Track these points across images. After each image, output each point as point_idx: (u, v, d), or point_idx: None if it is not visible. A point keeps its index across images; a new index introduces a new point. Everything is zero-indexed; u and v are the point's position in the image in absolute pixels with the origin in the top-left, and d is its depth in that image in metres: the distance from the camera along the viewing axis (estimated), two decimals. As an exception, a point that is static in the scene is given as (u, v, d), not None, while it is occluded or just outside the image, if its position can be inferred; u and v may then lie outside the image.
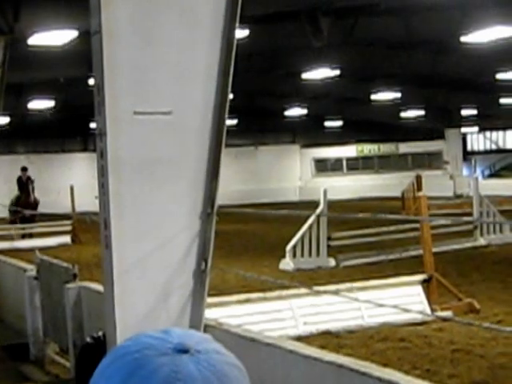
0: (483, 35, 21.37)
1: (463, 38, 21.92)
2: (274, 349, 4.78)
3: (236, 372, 1.07)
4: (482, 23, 20.69)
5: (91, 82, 4.58)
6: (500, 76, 31.25)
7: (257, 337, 5.08)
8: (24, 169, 23.86)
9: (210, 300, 7.05)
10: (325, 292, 9.64)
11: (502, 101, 40.74)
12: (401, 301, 9.43)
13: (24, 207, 22.02)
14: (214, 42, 4.50)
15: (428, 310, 10.42)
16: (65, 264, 8.76)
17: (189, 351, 1.05)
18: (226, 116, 4.65)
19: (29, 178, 23.41)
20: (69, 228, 22.86)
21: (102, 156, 4.37)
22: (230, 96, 4.80)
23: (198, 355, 1.05)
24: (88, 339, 4.58)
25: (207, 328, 5.07)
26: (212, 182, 4.74)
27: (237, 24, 4.47)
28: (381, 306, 8.84)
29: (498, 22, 20.69)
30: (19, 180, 23.73)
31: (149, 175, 4.58)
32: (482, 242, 18.92)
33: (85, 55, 15.76)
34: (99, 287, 6.81)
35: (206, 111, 4.60)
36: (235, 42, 4.55)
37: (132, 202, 4.53)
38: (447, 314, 10.46)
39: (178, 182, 4.68)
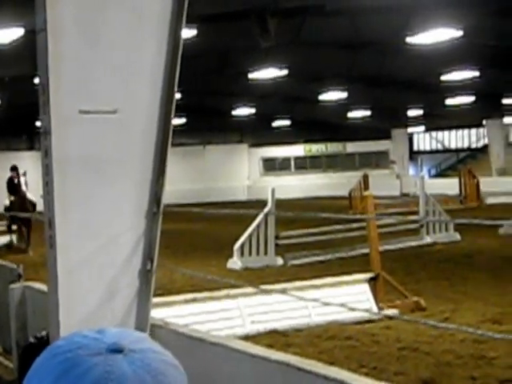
0: (428, 37, 21.68)
1: (409, 40, 22.20)
2: (221, 348, 4.76)
3: (172, 371, 1.07)
4: (427, 25, 21.00)
5: (36, 80, 4.52)
6: (445, 77, 31.71)
7: (203, 336, 5.06)
8: (13, 168, 20.32)
9: (157, 300, 7.02)
10: (271, 291, 9.65)
11: (448, 101, 41.35)
12: (348, 299, 9.47)
13: (21, 210, 19.19)
14: (160, 41, 4.48)
15: (375, 308, 10.49)
16: (9, 264, 8.66)
17: (123, 351, 1.04)
18: (173, 115, 4.64)
19: (19, 175, 20.03)
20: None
21: (47, 155, 4.32)
22: (178, 95, 4.80)
23: (133, 354, 1.04)
24: (31, 339, 4.51)
25: (154, 328, 5.05)
26: (158, 181, 4.72)
27: (183, 23, 4.46)
28: (327, 304, 8.90)
29: (442, 23, 21.01)
30: (10, 181, 20.37)
31: (94, 174, 4.54)
32: (428, 240, 19.17)
33: (30, 54, 15.58)
34: (44, 287, 6.73)
35: (152, 110, 4.58)
36: (182, 42, 4.53)
37: (77, 201, 4.49)
38: (394, 311, 10.54)
39: (123, 181, 4.65)
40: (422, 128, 55.95)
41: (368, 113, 46.16)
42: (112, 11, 4.39)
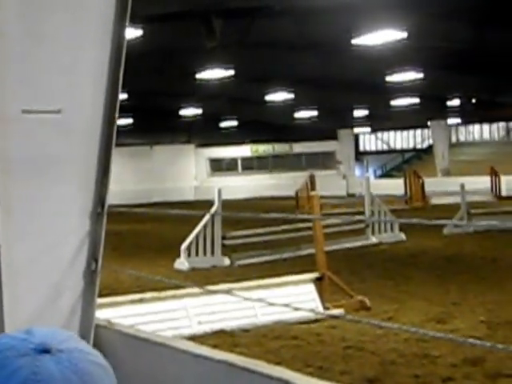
0: (373, 38, 21.92)
1: (354, 41, 22.41)
2: (166, 348, 4.74)
3: (100, 370, 1.08)
4: (372, 26, 21.25)
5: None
6: (390, 78, 32.08)
7: (148, 337, 5.05)
8: None
9: (103, 300, 6.98)
10: (217, 291, 9.67)
11: (393, 102, 41.85)
12: (294, 299, 9.53)
13: None
14: (104, 41, 4.47)
15: (321, 308, 10.57)
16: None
17: (50, 351, 1.05)
18: (117, 115, 4.63)
19: None
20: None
21: (-11, 155, 4.28)
22: (125, 95, 4.81)
23: (60, 355, 1.05)
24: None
25: (99, 328, 5.03)
26: (102, 182, 4.70)
27: (127, 23, 4.46)
28: (272, 304, 8.95)
29: (387, 25, 21.28)
30: None
31: (38, 175, 4.51)
32: (373, 240, 19.38)
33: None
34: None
35: (97, 110, 4.57)
36: (125, 41, 4.53)
37: (21, 202, 4.45)
38: (339, 311, 10.63)
39: (67, 181, 4.63)
40: (368, 129, 56.50)
41: (315, 113, 46.44)
42: (56, 10, 4.37)
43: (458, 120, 51.20)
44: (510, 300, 11.56)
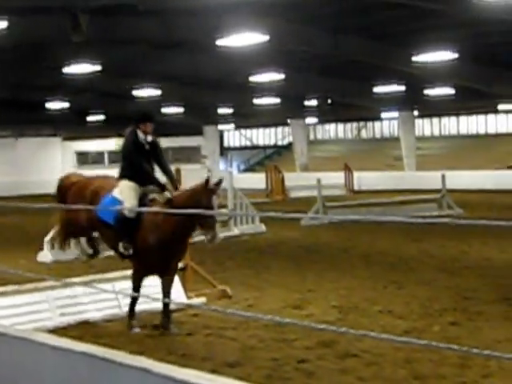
0: (237, 39, 22.33)
1: (219, 42, 22.75)
2: (25, 342, 4.72)
3: None
4: (236, 28, 21.68)
5: None
6: (253, 78, 32.65)
7: (5, 330, 4.97)
8: None
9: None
10: (77, 283, 9.77)
11: (256, 101, 42.58)
12: (158, 289, 9.67)
13: None
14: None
15: (184, 298, 10.78)
16: None
17: None
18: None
19: None
20: None
21: None
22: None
23: None
24: None
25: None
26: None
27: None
28: (127, 295, 9.14)
29: (250, 28, 21.80)
30: None
31: None
32: (235, 231, 19.81)
33: None
34: None
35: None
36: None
37: None
38: (202, 300, 10.89)
39: None
40: (233, 125, 57.14)
41: (181, 110, 46.61)
42: None
43: (316, 119, 52.63)
44: (360, 286, 12.24)
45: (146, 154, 9.84)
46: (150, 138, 9.85)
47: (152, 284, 9.91)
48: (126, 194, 9.53)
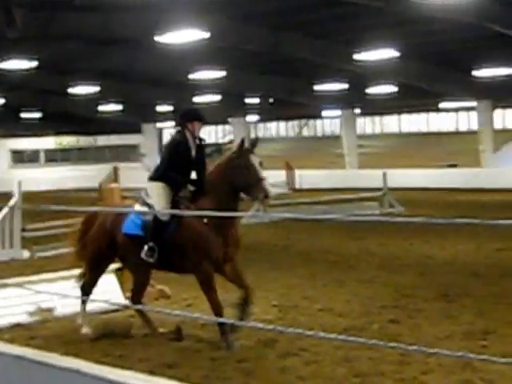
0: (176, 36, 22.19)
1: (158, 38, 22.58)
2: None
3: None
4: (176, 25, 21.56)
5: None
6: (193, 76, 32.52)
7: None
8: None
9: None
10: (10, 284, 9.56)
11: (196, 99, 42.49)
12: (95, 290, 9.50)
13: None
14: None
15: (122, 298, 10.62)
16: None
17: None
18: None
19: None
20: None
21: None
22: None
23: None
24: None
25: None
26: None
27: None
28: (66, 296, 8.94)
29: (191, 25, 21.69)
30: None
31: None
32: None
33: None
34: None
35: None
36: None
37: None
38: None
39: None
40: (173, 123, 57.02)
41: (119, 107, 46.27)
42: None
43: (257, 117, 52.65)
44: (300, 284, 12.21)
45: (190, 163, 8.80)
46: (197, 141, 8.84)
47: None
48: (155, 196, 8.67)
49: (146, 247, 8.56)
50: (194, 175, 8.92)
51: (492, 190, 33.70)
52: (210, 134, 62.22)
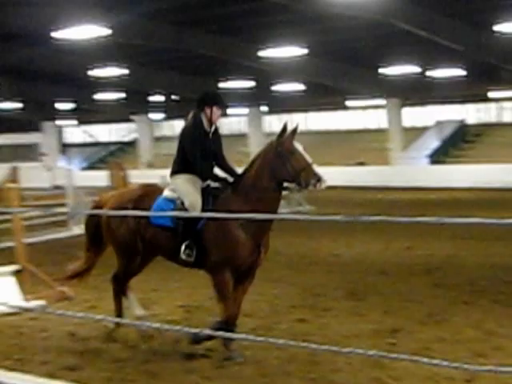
0: (75, 33, 21.79)
1: (56, 34, 22.11)
2: None
3: None
4: (75, 21, 21.16)
5: None
6: (93, 73, 32.04)
7: None
8: None
9: None
10: None
11: (97, 96, 41.95)
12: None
13: None
14: None
15: (21, 301, 10.33)
16: None
17: None
18: None
19: None
20: None
21: None
22: None
23: None
24: None
25: None
26: None
27: None
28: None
29: (90, 20, 21.35)
30: None
31: None
32: (76, 231, 19.12)
33: None
34: None
35: None
36: None
37: None
38: (40, 303, 10.45)
39: None
40: (74, 121, 56.14)
41: (18, 105, 45.39)
42: None
43: (162, 115, 52.25)
44: (205, 284, 11.97)
45: (209, 145, 8.09)
46: (213, 127, 8.15)
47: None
48: (183, 189, 7.94)
49: (183, 246, 7.81)
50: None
51: (400, 188, 34.31)
52: (114, 132, 61.40)
